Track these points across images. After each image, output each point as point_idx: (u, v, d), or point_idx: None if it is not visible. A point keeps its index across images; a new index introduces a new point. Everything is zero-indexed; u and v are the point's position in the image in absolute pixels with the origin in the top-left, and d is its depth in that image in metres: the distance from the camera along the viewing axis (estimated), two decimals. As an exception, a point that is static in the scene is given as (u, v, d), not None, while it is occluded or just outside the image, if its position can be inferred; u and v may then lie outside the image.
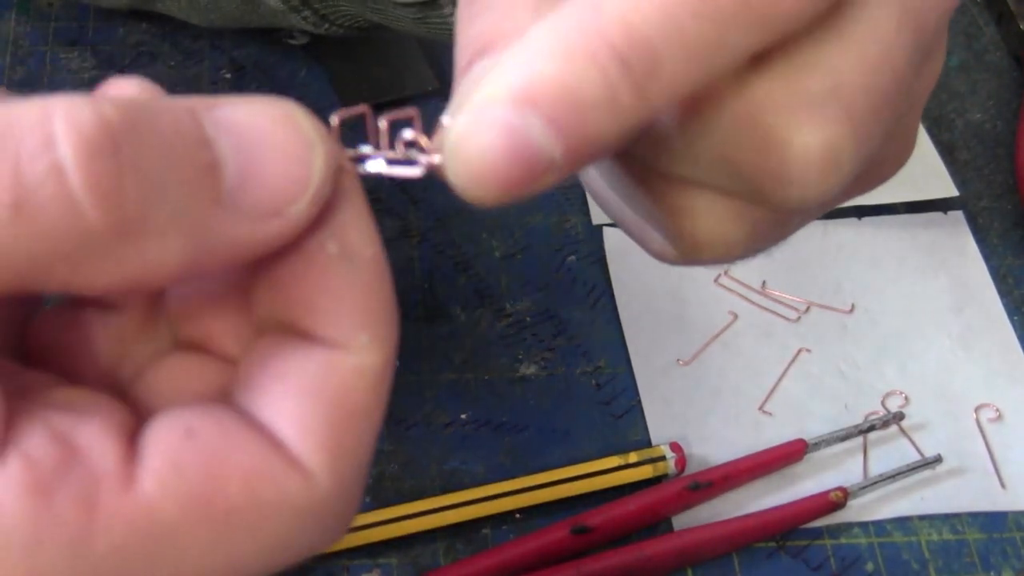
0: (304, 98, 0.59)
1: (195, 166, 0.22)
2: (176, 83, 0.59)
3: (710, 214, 0.27)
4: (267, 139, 0.23)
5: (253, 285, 0.25)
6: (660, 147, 0.26)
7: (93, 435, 0.22)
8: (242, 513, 0.22)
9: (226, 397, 0.25)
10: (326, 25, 0.55)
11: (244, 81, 0.59)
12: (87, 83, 0.59)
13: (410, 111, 0.24)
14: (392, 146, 0.24)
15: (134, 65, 0.59)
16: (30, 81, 0.59)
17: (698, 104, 0.25)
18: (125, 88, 0.24)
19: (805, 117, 0.25)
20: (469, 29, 0.25)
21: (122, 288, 0.22)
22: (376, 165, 0.25)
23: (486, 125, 0.22)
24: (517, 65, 0.22)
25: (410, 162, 0.24)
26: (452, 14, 0.48)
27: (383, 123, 0.24)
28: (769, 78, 0.25)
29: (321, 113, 0.24)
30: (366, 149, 0.25)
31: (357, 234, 0.24)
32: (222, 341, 0.26)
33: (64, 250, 0.20)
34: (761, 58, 0.24)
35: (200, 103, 0.22)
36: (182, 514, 0.22)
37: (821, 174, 0.25)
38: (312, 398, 0.23)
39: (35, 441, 0.21)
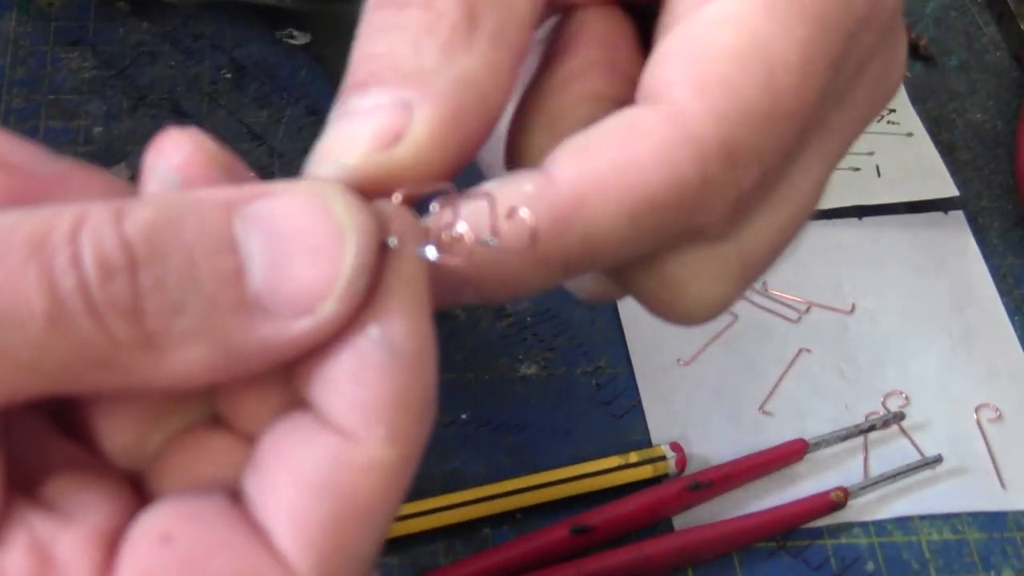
0: (305, 98, 0.59)
1: (219, 275, 0.22)
2: (176, 83, 0.59)
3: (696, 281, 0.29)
4: (297, 232, 0.22)
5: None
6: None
7: (72, 546, 0.22)
8: None
9: (238, 478, 0.24)
10: None
11: (244, 81, 0.59)
12: (87, 83, 0.59)
13: (482, 198, 0.25)
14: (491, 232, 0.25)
15: (135, 65, 0.59)
16: (30, 81, 0.59)
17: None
18: (178, 147, 0.24)
19: (707, 281, 0.28)
20: (374, 43, 0.26)
21: (150, 393, 0.22)
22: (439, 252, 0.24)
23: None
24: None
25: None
26: None
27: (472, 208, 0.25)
28: (680, 254, 0.27)
29: (320, 114, 0.25)
30: (461, 228, 0.25)
31: (402, 323, 0.23)
32: (250, 416, 0.25)
33: (93, 358, 0.21)
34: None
35: (238, 196, 0.22)
36: None
37: (706, 315, 0.28)
38: (312, 490, 0.22)
39: (14, 553, 0.21)
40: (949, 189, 0.61)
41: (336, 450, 0.22)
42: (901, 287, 0.58)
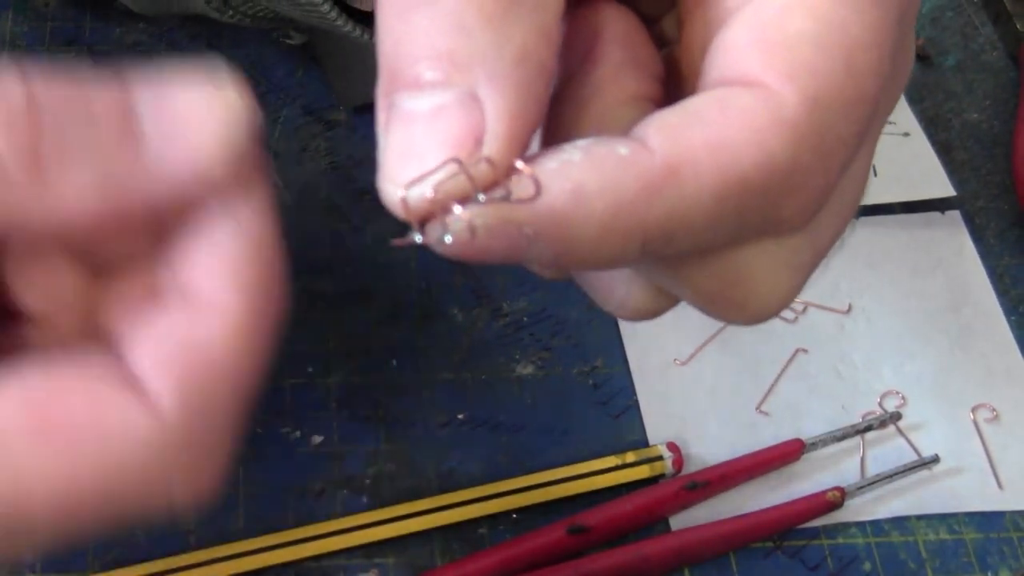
0: (301, 98, 0.59)
1: (114, 129, 0.25)
2: (173, 83, 0.59)
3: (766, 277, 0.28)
4: (187, 114, 0.26)
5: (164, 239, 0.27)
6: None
7: None
8: (84, 434, 0.24)
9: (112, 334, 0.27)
10: (230, 12, 0.53)
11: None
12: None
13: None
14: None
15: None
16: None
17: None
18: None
19: (783, 276, 0.28)
20: (408, 29, 0.24)
21: (51, 231, 0.25)
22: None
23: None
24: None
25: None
26: (330, 10, 0.47)
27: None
28: (757, 247, 0.27)
29: (316, 113, 0.25)
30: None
31: (250, 211, 0.27)
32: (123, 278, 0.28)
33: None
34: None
35: (140, 86, 0.27)
36: (19, 430, 0.24)
37: (775, 312, 0.28)
38: (173, 342, 0.25)
39: None
40: (946, 189, 0.61)
41: (194, 311, 0.26)
42: (898, 287, 0.58)
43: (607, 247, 0.24)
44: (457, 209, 0.23)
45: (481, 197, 0.23)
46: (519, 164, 0.24)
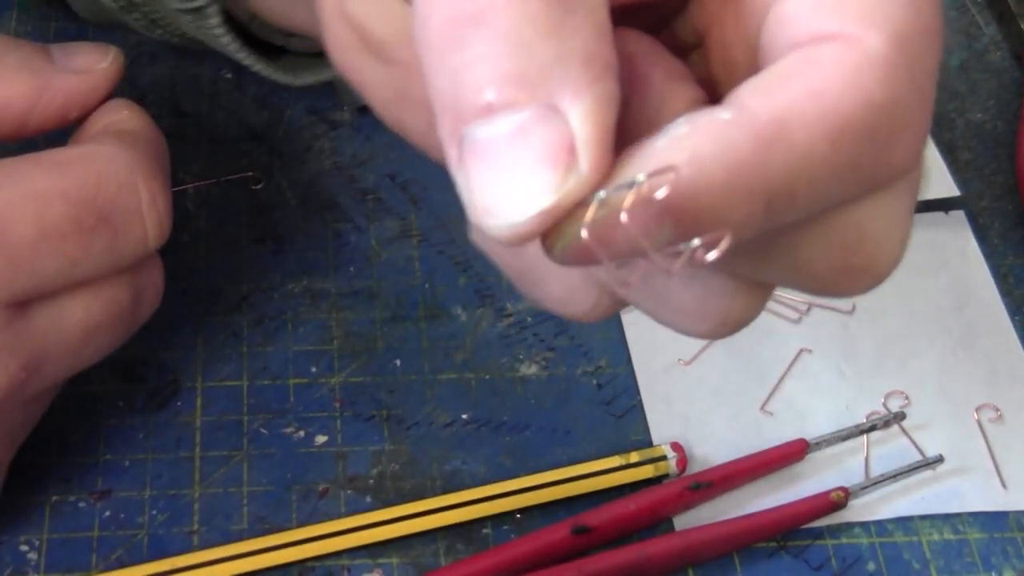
0: (305, 98, 0.59)
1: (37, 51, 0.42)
2: (176, 83, 0.59)
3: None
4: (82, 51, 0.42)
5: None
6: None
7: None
8: None
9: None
10: (158, 31, 0.53)
11: (244, 81, 0.59)
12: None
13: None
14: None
15: (134, 65, 0.59)
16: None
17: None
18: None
19: (903, 223, 0.29)
20: (462, 58, 0.24)
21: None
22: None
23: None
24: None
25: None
26: (218, 24, 0.47)
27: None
28: (875, 202, 0.28)
29: (320, 113, 0.24)
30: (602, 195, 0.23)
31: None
32: None
33: None
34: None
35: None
36: None
37: (898, 262, 0.29)
38: None
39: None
40: (950, 189, 0.61)
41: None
42: (902, 287, 0.58)
43: (733, 213, 0.24)
44: (600, 202, 0.23)
45: (601, 195, 0.23)
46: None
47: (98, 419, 0.49)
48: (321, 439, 0.50)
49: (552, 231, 0.23)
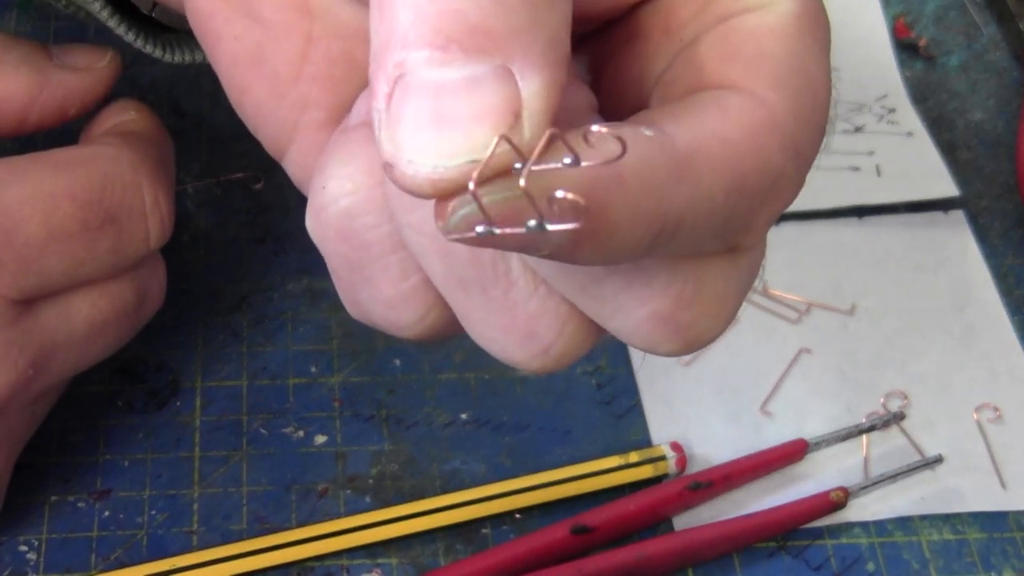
0: (304, 98, 0.59)
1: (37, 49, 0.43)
2: (176, 83, 0.59)
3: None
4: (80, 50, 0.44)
5: None
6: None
7: None
8: None
9: None
10: (63, 1, 0.53)
11: (244, 81, 0.59)
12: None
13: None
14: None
15: (134, 65, 0.59)
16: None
17: None
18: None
19: (733, 298, 0.29)
20: None
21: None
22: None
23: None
24: None
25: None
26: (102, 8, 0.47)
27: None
28: (719, 265, 0.29)
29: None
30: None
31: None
32: None
33: None
34: None
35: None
36: None
37: (714, 336, 0.29)
38: None
39: None
40: (949, 189, 0.60)
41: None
42: (901, 287, 0.58)
43: (630, 232, 0.24)
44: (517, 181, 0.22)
45: (531, 167, 0.22)
46: (595, 127, 0.23)
47: (98, 419, 0.49)
48: (321, 439, 0.50)
49: (457, 196, 0.22)
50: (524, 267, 0.28)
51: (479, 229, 0.22)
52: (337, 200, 0.29)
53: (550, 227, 0.22)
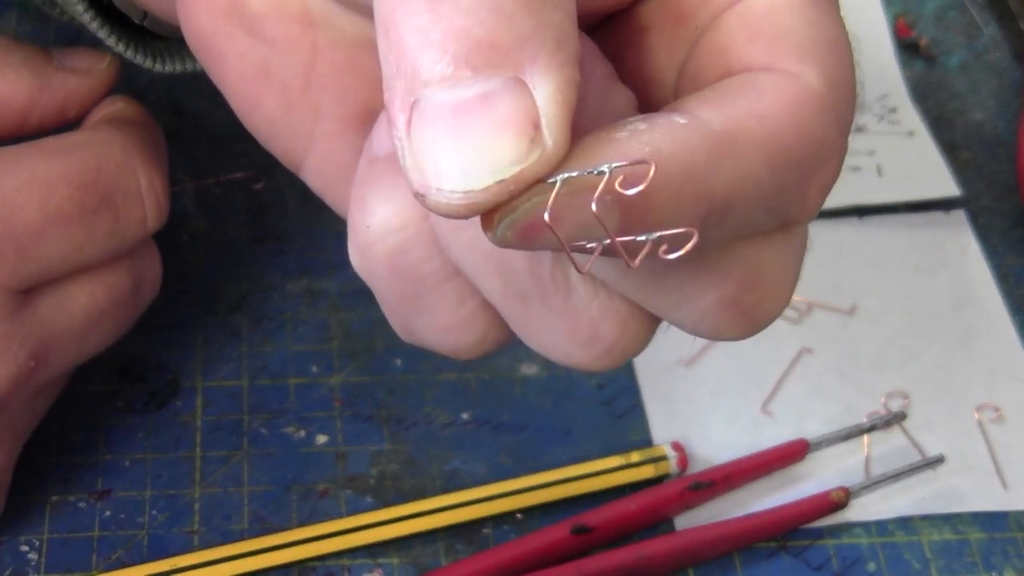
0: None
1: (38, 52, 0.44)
2: (175, 82, 0.59)
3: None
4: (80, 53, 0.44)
5: None
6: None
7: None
8: None
9: None
10: (58, 10, 0.53)
11: (244, 80, 0.59)
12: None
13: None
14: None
15: (134, 64, 0.59)
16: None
17: None
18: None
19: (793, 273, 0.31)
20: (435, 17, 0.22)
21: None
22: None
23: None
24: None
25: None
26: (84, 11, 0.47)
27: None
28: (776, 243, 0.29)
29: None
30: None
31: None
32: None
33: None
34: None
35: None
36: None
37: (779, 313, 0.30)
38: None
39: None
40: (950, 189, 0.60)
41: None
42: (902, 287, 0.58)
43: (678, 216, 0.24)
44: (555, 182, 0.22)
45: (563, 176, 0.22)
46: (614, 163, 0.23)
47: (98, 419, 0.49)
48: (321, 439, 0.50)
49: (500, 208, 0.22)
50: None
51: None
52: (385, 238, 0.29)
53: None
